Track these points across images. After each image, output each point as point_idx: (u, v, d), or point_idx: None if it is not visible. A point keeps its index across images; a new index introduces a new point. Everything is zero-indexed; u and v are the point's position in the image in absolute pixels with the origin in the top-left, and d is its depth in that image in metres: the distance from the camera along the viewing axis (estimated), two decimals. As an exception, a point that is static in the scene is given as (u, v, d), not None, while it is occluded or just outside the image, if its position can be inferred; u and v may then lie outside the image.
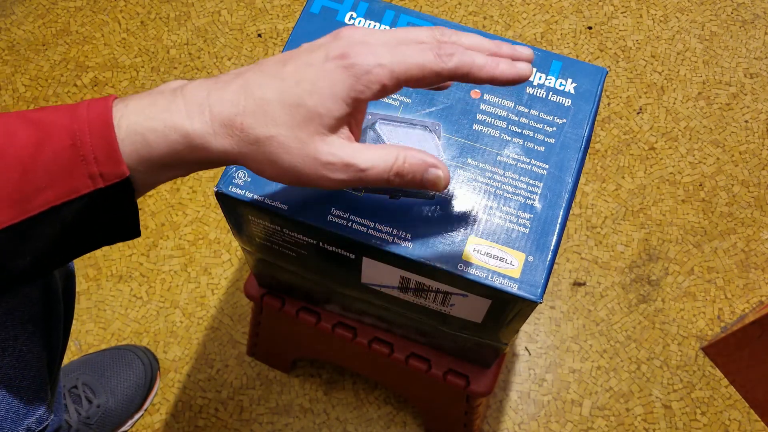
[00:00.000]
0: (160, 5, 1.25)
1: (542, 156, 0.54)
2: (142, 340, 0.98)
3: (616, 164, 1.13)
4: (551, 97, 0.56)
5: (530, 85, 0.56)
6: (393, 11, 0.57)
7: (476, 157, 0.54)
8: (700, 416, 0.96)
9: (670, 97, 1.19)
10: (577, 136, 0.55)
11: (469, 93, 0.56)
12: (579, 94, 0.56)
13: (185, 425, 0.93)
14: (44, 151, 0.39)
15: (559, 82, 0.56)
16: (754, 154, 1.15)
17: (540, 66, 0.57)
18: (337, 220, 0.52)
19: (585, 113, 0.56)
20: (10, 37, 1.21)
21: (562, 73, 0.56)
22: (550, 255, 0.51)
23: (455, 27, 0.55)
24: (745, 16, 1.27)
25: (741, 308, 1.03)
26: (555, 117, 0.55)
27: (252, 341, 0.93)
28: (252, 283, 0.75)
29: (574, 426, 0.95)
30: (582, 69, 0.57)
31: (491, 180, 0.53)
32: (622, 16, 1.27)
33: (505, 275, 0.50)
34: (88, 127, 0.39)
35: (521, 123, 0.55)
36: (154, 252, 1.04)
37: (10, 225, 0.39)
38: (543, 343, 1.00)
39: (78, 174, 0.39)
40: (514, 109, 0.55)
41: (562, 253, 1.06)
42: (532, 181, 0.53)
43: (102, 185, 0.39)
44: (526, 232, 0.51)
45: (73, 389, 0.87)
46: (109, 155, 0.39)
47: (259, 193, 0.52)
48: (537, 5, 1.27)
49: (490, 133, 0.55)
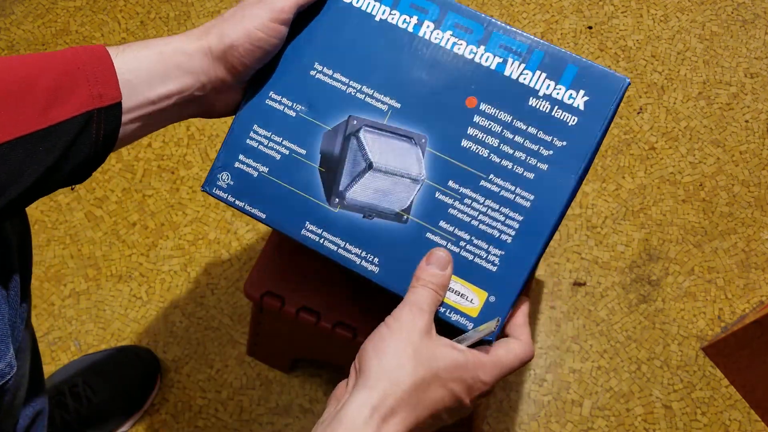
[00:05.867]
0: (159, 5, 1.25)
1: (530, 185, 0.49)
2: (142, 340, 0.98)
3: (617, 164, 1.13)
4: (555, 113, 0.49)
5: (534, 95, 0.49)
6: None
7: (458, 179, 0.50)
8: (701, 416, 0.96)
9: (671, 97, 1.19)
10: (574, 165, 0.48)
11: (465, 101, 0.50)
12: (589, 110, 0.48)
13: (185, 425, 0.93)
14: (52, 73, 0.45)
15: (570, 93, 0.49)
16: (754, 154, 1.14)
17: (551, 71, 0.49)
18: (311, 235, 0.53)
19: (591, 137, 0.48)
20: (10, 37, 1.21)
21: (575, 83, 0.48)
22: (513, 297, 0.50)
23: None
24: (745, 16, 1.27)
25: (741, 308, 1.03)
26: (555, 138, 0.49)
27: (252, 341, 0.93)
28: (252, 283, 0.75)
29: (575, 426, 0.95)
30: (600, 78, 0.48)
31: (469, 209, 0.50)
32: (623, 15, 1.27)
33: (462, 312, 0.50)
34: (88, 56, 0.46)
35: (515, 142, 0.49)
36: (154, 252, 1.04)
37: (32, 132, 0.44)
38: (543, 343, 1.00)
39: (81, 93, 0.45)
40: (510, 124, 0.49)
41: (562, 254, 1.06)
42: (512, 214, 0.49)
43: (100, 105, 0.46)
44: (493, 270, 0.50)
45: (73, 388, 0.87)
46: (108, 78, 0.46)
47: (240, 198, 0.54)
48: (537, 5, 1.27)
49: (478, 152, 0.50)
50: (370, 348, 0.46)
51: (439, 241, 0.50)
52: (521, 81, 0.49)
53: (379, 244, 0.51)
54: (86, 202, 1.07)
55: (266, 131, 0.54)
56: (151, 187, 1.09)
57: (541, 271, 1.04)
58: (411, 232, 0.51)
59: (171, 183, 1.09)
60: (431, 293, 0.48)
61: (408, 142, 0.51)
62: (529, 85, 0.49)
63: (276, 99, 0.54)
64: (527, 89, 0.49)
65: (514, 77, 0.49)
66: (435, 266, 0.49)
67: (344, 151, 0.52)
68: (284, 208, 0.53)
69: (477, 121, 0.50)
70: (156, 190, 1.08)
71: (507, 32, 0.50)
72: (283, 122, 0.54)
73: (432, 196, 0.51)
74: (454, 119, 0.50)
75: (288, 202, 0.53)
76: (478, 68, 0.50)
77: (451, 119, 0.50)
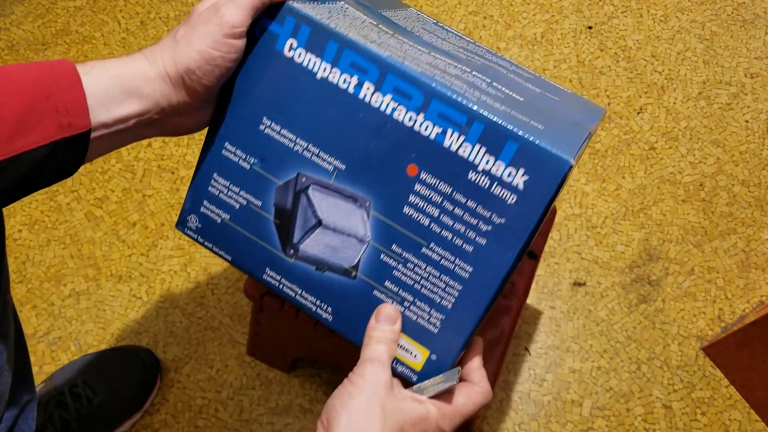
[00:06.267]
0: (159, 5, 1.25)
1: (469, 257, 0.48)
2: (142, 340, 0.98)
3: (617, 164, 1.13)
4: (494, 189, 0.46)
5: (474, 169, 0.46)
6: (336, 44, 0.48)
7: (401, 244, 0.50)
8: (701, 416, 0.96)
9: (671, 97, 1.19)
10: (512, 243, 0.47)
11: (406, 168, 0.48)
12: (528, 191, 0.46)
13: (185, 425, 0.93)
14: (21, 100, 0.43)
15: (509, 171, 0.46)
16: (754, 154, 1.14)
17: (490, 145, 0.45)
18: (271, 280, 0.55)
19: (529, 218, 0.46)
20: (10, 37, 1.21)
21: (514, 160, 0.45)
22: (453, 357, 0.51)
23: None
24: (745, 16, 1.27)
25: (741, 308, 1.03)
26: (494, 215, 0.47)
27: (252, 341, 0.93)
28: (252, 283, 0.75)
29: (575, 426, 0.95)
30: (540, 159, 0.45)
31: (412, 272, 0.50)
32: (623, 15, 1.27)
33: (407, 365, 0.52)
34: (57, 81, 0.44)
35: (455, 214, 0.48)
36: (154, 252, 1.04)
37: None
38: (543, 343, 1.00)
39: (48, 123, 0.44)
40: (450, 196, 0.48)
41: (562, 254, 1.06)
42: (451, 282, 0.49)
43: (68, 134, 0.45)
44: (434, 332, 0.51)
45: (73, 388, 0.87)
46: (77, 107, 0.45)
47: (208, 240, 0.57)
48: (537, 5, 1.27)
49: (419, 220, 0.49)
50: (338, 405, 0.47)
51: (386, 299, 0.52)
52: (460, 154, 0.46)
53: (331, 296, 0.53)
54: (86, 202, 1.07)
55: (225, 181, 0.55)
56: (151, 187, 1.09)
57: (541, 271, 1.04)
58: (360, 288, 0.52)
59: (171, 183, 1.09)
60: (387, 348, 0.49)
61: (353, 203, 0.51)
62: (468, 158, 0.46)
63: (231, 150, 0.54)
64: (466, 163, 0.46)
65: (453, 149, 0.46)
66: (385, 323, 0.50)
67: (295, 206, 0.53)
68: (246, 253, 0.56)
69: (418, 190, 0.49)
70: (156, 190, 1.08)
71: (447, 100, 0.46)
72: (238, 173, 0.54)
73: (378, 257, 0.51)
74: (396, 186, 0.49)
75: (249, 249, 0.55)
76: (418, 137, 0.47)
77: (393, 185, 0.49)
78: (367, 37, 0.49)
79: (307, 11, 0.49)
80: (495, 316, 0.73)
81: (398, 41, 0.51)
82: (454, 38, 0.60)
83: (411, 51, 0.50)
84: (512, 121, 0.45)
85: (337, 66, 0.48)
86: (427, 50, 0.52)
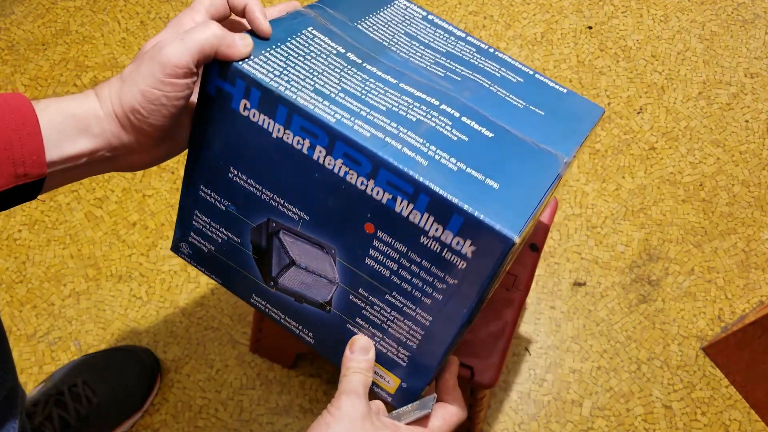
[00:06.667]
0: (159, 5, 1.25)
1: (427, 308, 0.50)
2: (142, 340, 0.98)
3: (617, 164, 1.13)
4: (445, 254, 0.47)
5: (425, 234, 0.46)
6: (286, 109, 0.47)
7: (366, 289, 0.51)
8: (701, 416, 0.96)
9: (671, 97, 1.19)
10: (466, 302, 0.48)
11: (363, 225, 0.49)
12: (475, 261, 0.46)
13: (185, 425, 0.93)
14: None
15: (457, 240, 0.46)
16: (754, 154, 1.14)
17: (438, 216, 0.45)
18: (258, 304, 0.58)
19: (478, 283, 0.47)
20: (10, 37, 1.21)
21: (461, 232, 0.45)
22: (423, 386, 0.54)
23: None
24: (745, 16, 1.27)
25: (741, 308, 1.03)
26: (447, 275, 0.47)
27: (255, 337, 0.93)
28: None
29: (575, 426, 0.95)
30: (485, 234, 0.44)
31: (379, 314, 0.52)
32: (623, 15, 1.27)
33: (382, 388, 0.56)
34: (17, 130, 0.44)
35: (412, 270, 0.49)
36: (154, 252, 1.04)
37: None
38: (543, 343, 1.00)
39: (5, 173, 0.44)
40: (406, 254, 0.48)
41: (562, 254, 1.06)
42: (414, 327, 0.51)
43: (23, 182, 0.45)
44: (403, 365, 0.54)
45: (73, 388, 0.87)
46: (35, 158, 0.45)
47: (200, 265, 0.60)
48: (537, 5, 1.27)
49: (381, 271, 0.50)
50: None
51: (358, 331, 0.54)
52: (411, 220, 0.46)
53: (310, 323, 0.56)
54: (86, 202, 1.07)
55: (205, 218, 0.57)
56: (151, 187, 1.09)
57: (541, 271, 1.04)
58: (334, 320, 0.55)
59: (171, 183, 1.09)
60: (362, 377, 0.51)
61: (320, 249, 0.52)
62: (419, 224, 0.46)
63: (206, 192, 0.55)
64: (417, 228, 0.46)
65: (404, 215, 0.46)
66: (359, 353, 0.52)
67: (269, 246, 0.54)
68: (233, 280, 0.59)
69: (376, 245, 0.49)
70: (156, 190, 1.08)
71: (394, 170, 0.45)
72: (216, 213, 0.56)
73: (347, 297, 0.53)
74: (357, 240, 0.50)
75: (235, 276, 0.58)
76: (371, 200, 0.47)
77: (354, 239, 0.50)
78: (322, 90, 0.48)
79: (255, 73, 0.47)
80: (497, 309, 0.73)
81: (361, 81, 0.50)
82: (441, 39, 0.59)
83: (373, 94, 0.50)
84: (460, 191, 0.45)
85: (290, 129, 0.48)
86: (396, 81, 0.51)
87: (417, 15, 0.61)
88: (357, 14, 0.57)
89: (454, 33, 0.61)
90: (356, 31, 0.55)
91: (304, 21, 0.53)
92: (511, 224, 0.44)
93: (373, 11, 0.59)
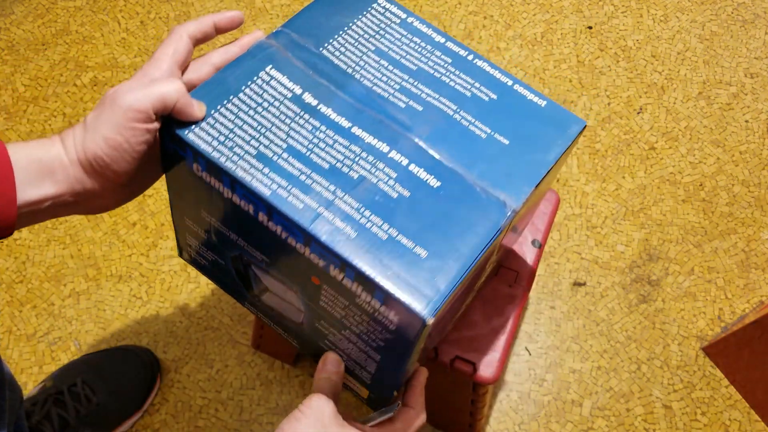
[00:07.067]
0: (159, 5, 1.25)
1: (376, 349, 0.52)
2: (142, 340, 0.98)
3: (617, 164, 1.13)
4: (377, 315, 0.49)
5: (358, 298, 0.49)
6: (228, 178, 0.49)
7: (326, 322, 0.54)
8: (701, 416, 0.96)
9: (671, 97, 1.19)
10: (402, 356, 0.51)
11: (311, 278, 0.51)
12: (400, 330, 0.48)
13: (185, 425, 0.93)
14: None
15: (383, 308, 0.48)
16: (754, 154, 1.14)
17: (364, 286, 0.47)
18: (250, 308, 0.64)
19: (407, 346, 0.49)
20: (10, 37, 1.21)
21: (384, 303, 0.47)
22: (387, 398, 0.57)
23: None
24: (745, 16, 1.27)
25: (741, 308, 1.03)
26: (383, 330, 0.49)
27: (256, 333, 0.93)
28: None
29: (575, 426, 0.95)
30: (402, 311, 0.46)
31: (340, 342, 0.55)
32: (623, 15, 1.27)
33: (357, 393, 0.61)
34: None
35: (356, 319, 0.51)
36: (154, 252, 1.04)
37: None
38: (543, 343, 1.00)
39: None
40: (349, 307, 0.50)
41: (562, 254, 1.06)
42: (368, 360, 0.54)
43: None
44: (367, 381, 0.57)
45: (72, 387, 0.87)
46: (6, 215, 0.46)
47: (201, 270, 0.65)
48: (537, 5, 1.27)
49: (333, 313, 0.53)
50: (286, 427, 0.51)
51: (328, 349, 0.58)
52: (344, 284, 0.48)
53: (292, 333, 0.61)
54: (86, 202, 1.07)
55: (194, 240, 0.61)
56: (152, 188, 1.09)
57: (541, 271, 1.04)
58: (310, 335, 0.58)
59: (171, 183, 1.09)
60: (331, 385, 0.54)
61: (285, 285, 0.55)
62: (351, 290, 0.48)
63: (189, 222, 0.59)
64: (351, 293, 0.49)
65: (338, 280, 0.49)
66: (330, 365, 0.56)
67: (247, 273, 0.58)
68: (229, 287, 0.63)
69: (324, 294, 0.51)
70: (156, 190, 1.08)
71: (323, 246, 0.47)
72: (201, 239, 0.60)
73: (314, 324, 0.56)
74: (309, 285, 0.52)
75: (229, 286, 0.63)
76: (311, 262, 0.50)
77: (307, 284, 0.52)
78: (265, 154, 0.50)
79: (199, 143, 0.49)
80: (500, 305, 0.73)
81: (311, 131, 0.51)
82: (416, 51, 0.57)
83: (319, 147, 0.51)
84: (382, 266, 0.46)
85: (235, 193, 0.50)
86: (349, 125, 0.52)
87: (395, 20, 0.59)
88: (326, 33, 0.56)
89: (432, 39, 0.58)
90: (320, 59, 0.55)
91: (265, 58, 0.54)
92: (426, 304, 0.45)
93: (346, 25, 0.57)
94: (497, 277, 0.74)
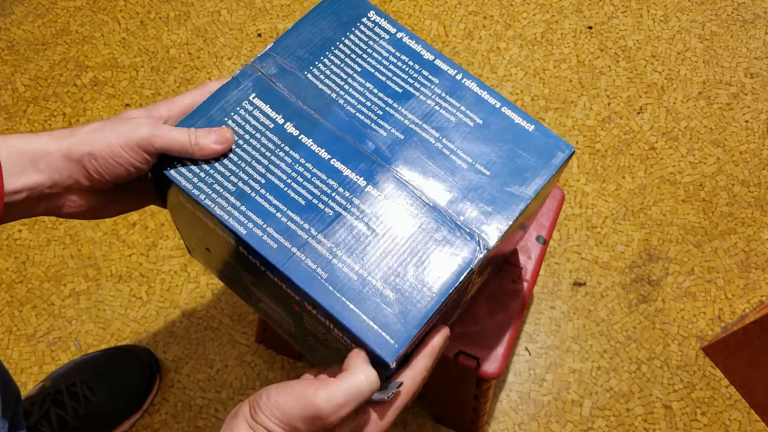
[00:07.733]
0: (159, 5, 1.25)
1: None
2: (142, 340, 0.98)
3: (617, 164, 1.13)
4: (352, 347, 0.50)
5: (332, 331, 0.50)
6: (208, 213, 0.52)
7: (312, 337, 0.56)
8: (701, 416, 0.96)
9: (671, 97, 1.19)
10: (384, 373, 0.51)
11: (293, 305, 0.52)
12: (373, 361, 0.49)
13: (185, 425, 0.93)
14: None
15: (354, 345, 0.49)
16: (754, 154, 1.14)
17: (336, 325, 0.49)
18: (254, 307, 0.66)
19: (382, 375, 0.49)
20: (10, 37, 1.21)
21: (354, 342, 0.48)
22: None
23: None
24: (745, 16, 1.27)
25: (741, 308, 1.03)
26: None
27: (261, 328, 0.93)
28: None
29: (575, 426, 0.95)
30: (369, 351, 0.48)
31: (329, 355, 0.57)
32: (623, 15, 1.27)
33: None
34: None
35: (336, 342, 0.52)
36: (154, 252, 1.04)
37: None
38: (543, 343, 1.00)
39: None
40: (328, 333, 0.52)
41: (562, 254, 1.06)
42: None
43: None
44: None
45: (71, 387, 0.87)
46: None
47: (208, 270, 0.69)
48: (537, 5, 1.27)
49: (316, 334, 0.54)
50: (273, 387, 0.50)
51: None
52: (320, 319, 0.50)
53: (290, 336, 0.64)
54: (86, 202, 1.07)
55: (197, 247, 0.64)
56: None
57: (541, 271, 1.04)
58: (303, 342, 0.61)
59: (171, 183, 1.09)
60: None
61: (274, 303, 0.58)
62: (326, 323, 0.50)
63: (188, 232, 0.62)
64: (326, 326, 0.50)
65: (314, 314, 0.50)
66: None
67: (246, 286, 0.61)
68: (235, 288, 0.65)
69: (306, 318, 0.53)
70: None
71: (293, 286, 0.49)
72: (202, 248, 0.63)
73: (303, 337, 0.59)
74: (291, 311, 0.54)
75: (236, 285, 0.64)
76: (288, 294, 0.51)
77: (290, 310, 0.54)
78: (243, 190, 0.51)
79: (182, 180, 0.51)
80: (504, 300, 0.73)
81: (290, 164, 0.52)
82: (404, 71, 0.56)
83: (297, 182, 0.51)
84: (349, 310, 0.48)
85: (218, 228, 0.52)
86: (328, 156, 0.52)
87: (384, 35, 0.57)
88: (313, 54, 0.56)
89: (421, 57, 0.57)
90: (304, 84, 0.55)
91: (249, 86, 0.55)
92: (390, 349, 0.47)
93: (333, 44, 0.57)
94: (501, 273, 0.75)
